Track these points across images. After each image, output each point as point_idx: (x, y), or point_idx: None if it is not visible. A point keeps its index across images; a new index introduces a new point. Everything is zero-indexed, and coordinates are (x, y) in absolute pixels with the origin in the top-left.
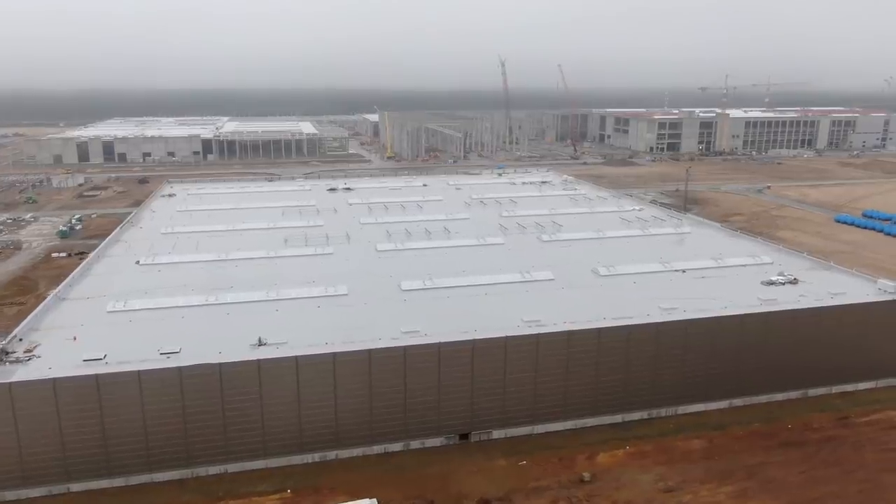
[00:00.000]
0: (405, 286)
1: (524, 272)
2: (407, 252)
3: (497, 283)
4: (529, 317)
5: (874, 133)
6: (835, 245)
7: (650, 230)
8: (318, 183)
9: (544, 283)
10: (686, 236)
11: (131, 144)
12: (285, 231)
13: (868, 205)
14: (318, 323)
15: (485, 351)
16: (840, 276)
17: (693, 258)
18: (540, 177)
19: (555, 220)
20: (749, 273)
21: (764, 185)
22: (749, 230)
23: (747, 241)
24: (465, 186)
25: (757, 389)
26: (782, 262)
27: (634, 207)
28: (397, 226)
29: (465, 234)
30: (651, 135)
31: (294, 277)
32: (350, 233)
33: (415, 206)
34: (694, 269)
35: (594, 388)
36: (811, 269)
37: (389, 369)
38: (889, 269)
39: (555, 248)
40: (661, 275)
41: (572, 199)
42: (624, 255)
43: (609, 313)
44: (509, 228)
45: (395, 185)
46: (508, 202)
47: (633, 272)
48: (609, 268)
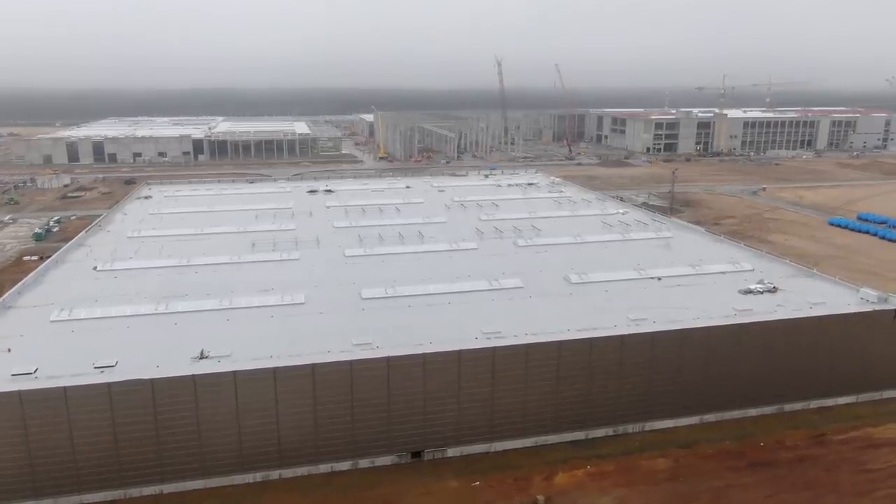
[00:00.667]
0: (365, 294)
1: (493, 279)
2: (375, 258)
3: (463, 291)
4: (491, 327)
5: (875, 133)
6: (826, 249)
7: (631, 235)
8: (299, 185)
9: (512, 292)
10: (667, 241)
11: (121, 145)
12: (255, 235)
13: (864, 207)
14: (268, 334)
15: (437, 365)
16: (822, 284)
17: (671, 265)
18: (527, 178)
19: (534, 223)
20: (727, 281)
21: (759, 186)
22: (740, 233)
23: (730, 247)
24: (449, 188)
25: (729, 404)
26: (763, 270)
27: (618, 211)
28: (371, 230)
29: (440, 238)
30: (648, 135)
31: (253, 285)
32: (321, 237)
33: (393, 209)
34: (670, 277)
35: (555, 403)
36: (793, 276)
37: (335, 384)
38: (880, 274)
39: (529, 254)
40: (635, 282)
41: (556, 202)
42: (600, 262)
43: (575, 324)
44: (486, 233)
45: (378, 187)
46: (490, 205)
47: (605, 280)
48: (582, 275)
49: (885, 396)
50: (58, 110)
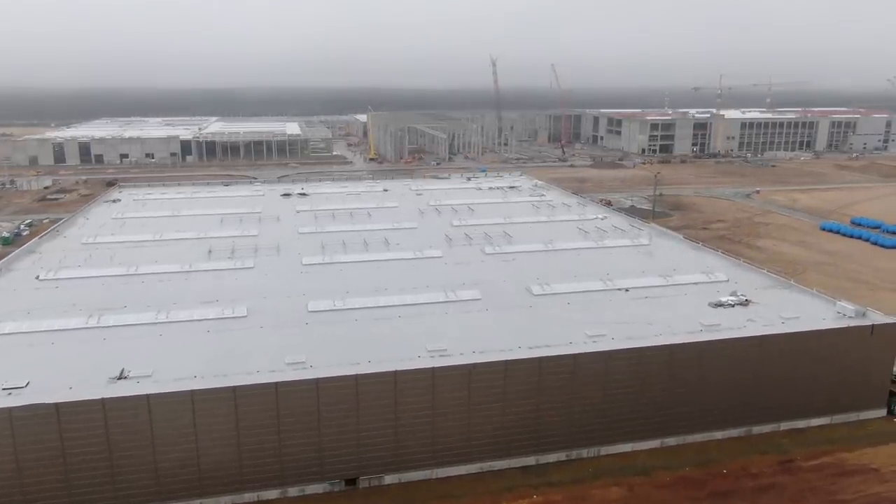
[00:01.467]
0: (312, 307)
1: (451, 291)
2: (334, 266)
3: (417, 303)
4: (437, 344)
5: (875, 134)
6: (816, 256)
7: (605, 242)
8: (275, 188)
9: (469, 304)
10: (642, 249)
11: (108, 145)
12: (215, 241)
13: (860, 211)
14: (199, 351)
15: (372, 386)
16: (799, 296)
17: (642, 275)
18: (510, 181)
19: (507, 229)
20: (699, 293)
21: (753, 189)
22: (728, 238)
23: (708, 255)
24: (427, 192)
25: (692, 427)
26: (739, 280)
27: (597, 216)
28: (337, 236)
29: (406, 245)
30: (643, 136)
31: (198, 295)
32: (282, 244)
33: (364, 213)
34: (639, 288)
35: (502, 426)
36: (769, 287)
37: (260, 408)
38: (868, 282)
39: (496, 263)
40: (600, 294)
41: (534, 207)
42: (568, 271)
43: (528, 340)
44: (455, 239)
45: (356, 190)
46: (466, 209)
47: (570, 291)
48: (545, 286)
49: (861, 418)
50: (56, 110)
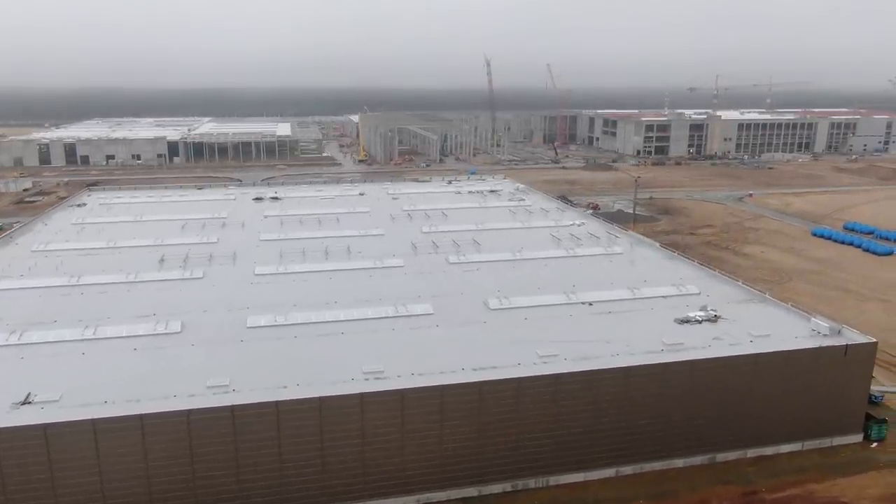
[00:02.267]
0: (251, 322)
1: (402, 304)
2: (287, 277)
3: (364, 318)
4: (375, 365)
5: (876, 136)
6: (804, 263)
7: (576, 251)
8: (248, 191)
9: (419, 320)
10: (615, 258)
11: (94, 147)
12: (170, 249)
13: (855, 215)
14: (120, 372)
15: (295, 414)
16: (773, 310)
17: (608, 287)
18: (492, 185)
19: (477, 237)
20: (667, 307)
21: (746, 192)
22: (715, 244)
23: (683, 265)
24: (404, 196)
25: (650, 454)
26: (711, 293)
27: (574, 222)
28: (299, 244)
29: (369, 254)
30: (638, 137)
31: (135, 309)
32: (240, 252)
33: (333, 219)
34: (603, 302)
35: (440, 455)
36: (742, 301)
37: (170, 438)
38: (856, 292)
39: (458, 273)
40: (561, 308)
41: (511, 212)
42: (532, 282)
43: (474, 361)
44: (421, 247)
45: (331, 194)
46: (439, 215)
47: (529, 305)
48: (503, 299)
49: (835, 444)
50: (53, 110)
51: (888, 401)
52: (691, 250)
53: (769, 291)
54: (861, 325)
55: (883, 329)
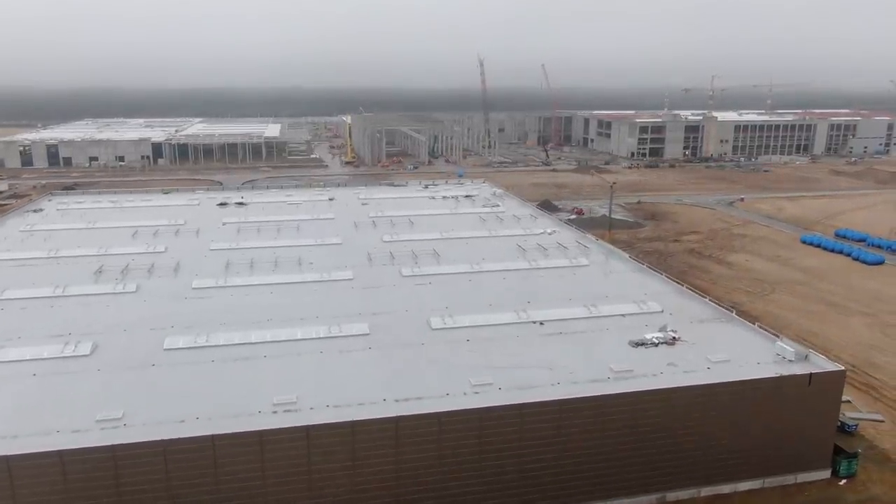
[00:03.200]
0: (168, 344)
1: (337, 324)
2: (225, 291)
3: (292, 339)
4: (287, 395)
5: (877, 138)
6: (789, 273)
7: (540, 262)
8: (214, 196)
9: (353, 341)
10: (579, 271)
11: (77, 148)
12: (113, 259)
13: (849, 220)
14: (11, 401)
15: (184, 454)
16: (738, 330)
17: (565, 304)
18: (469, 189)
19: (440, 246)
20: (624, 327)
21: (738, 196)
22: (698, 252)
23: (652, 279)
24: (374, 201)
25: (591, 495)
26: (675, 311)
27: (546, 230)
28: (250, 254)
29: (320, 265)
30: (632, 139)
31: (50, 327)
32: (185, 263)
33: (294, 227)
34: (556, 321)
35: (352, 492)
36: (707, 320)
37: (43, 482)
38: (841, 305)
39: (409, 287)
40: (510, 329)
41: (481, 219)
42: (485, 298)
43: (400, 391)
44: (377, 258)
45: (299, 199)
46: (405, 223)
47: (475, 324)
48: (448, 318)
49: (800, 480)
50: (51, 110)
51: (864, 430)
52: (673, 258)
53: (750, 303)
54: (842, 343)
55: (864, 347)
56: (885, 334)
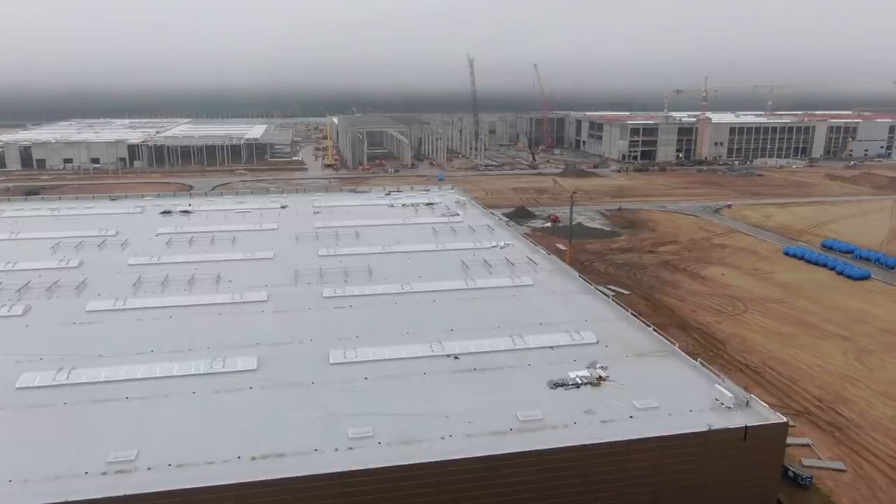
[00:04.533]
0: (23, 381)
1: (221, 359)
2: (120, 315)
3: (168, 375)
4: (128, 451)
5: (878, 141)
6: (766, 289)
7: (478, 282)
8: (161, 203)
9: (233, 379)
10: (519, 292)
11: (50, 150)
12: (15, 276)
13: (839, 230)
14: None
15: None
16: (677, 368)
17: (491, 333)
18: (432, 196)
19: (378, 262)
20: (549, 362)
21: (725, 203)
22: (673, 264)
23: (597, 303)
24: (328, 209)
25: None
26: (612, 342)
27: (499, 244)
28: (167, 269)
29: (238, 284)
30: (623, 141)
31: None
32: (93, 280)
33: (229, 239)
34: (473, 354)
35: None
36: (644, 354)
37: None
38: (818, 326)
39: (324, 311)
40: (419, 363)
41: (433, 231)
42: (403, 325)
43: (268, 445)
44: (303, 276)
45: (250, 206)
46: (351, 234)
47: (379, 358)
48: (350, 350)
49: None
50: (45, 110)
51: (822, 480)
52: (643, 272)
53: (717, 324)
54: (811, 372)
55: (836, 377)
56: (860, 362)
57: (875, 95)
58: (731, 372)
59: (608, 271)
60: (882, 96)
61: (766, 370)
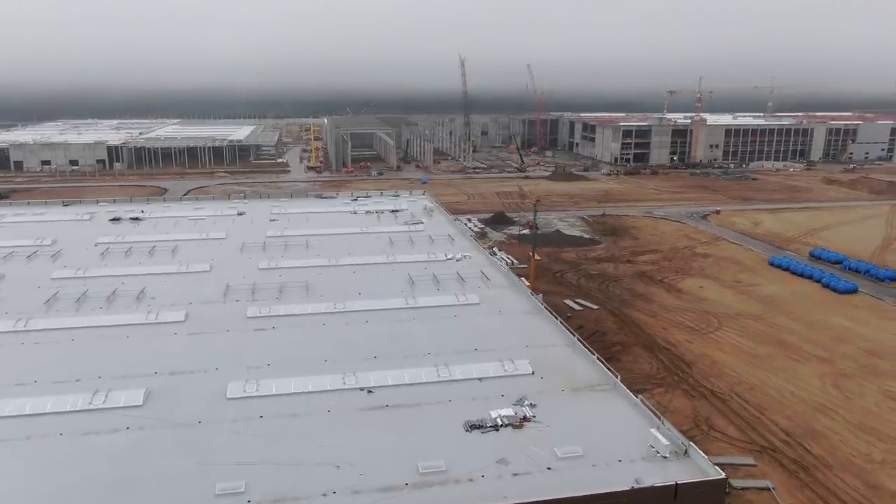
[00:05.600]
0: None
1: (105, 393)
2: (14, 339)
3: (37, 413)
4: None
5: (879, 143)
6: (745, 304)
7: (420, 300)
8: (115, 209)
9: (112, 418)
10: (462, 312)
11: (28, 151)
12: None
13: (828, 238)
14: None
15: None
16: (616, 406)
17: (418, 361)
18: (401, 203)
19: (319, 276)
20: (471, 398)
21: (714, 208)
22: (650, 276)
23: (545, 325)
24: (286, 217)
25: None
26: (549, 372)
27: (455, 256)
28: (90, 284)
29: (160, 302)
30: (616, 144)
31: None
32: (7, 297)
33: (169, 249)
34: (390, 388)
35: None
36: (582, 389)
37: None
38: (797, 347)
39: (244, 334)
40: (324, 399)
41: (389, 242)
42: (325, 350)
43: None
44: (233, 292)
45: (204, 213)
46: (301, 245)
47: (283, 392)
48: (251, 385)
49: None
50: (42, 110)
51: None
52: (617, 284)
53: (687, 344)
54: (782, 400)
55: (809, 407)
56: (837, 388)
57: (878, 96)
58: (693, 399)
59: (580, 283)
60: (885, 97)
61: (732, 397)
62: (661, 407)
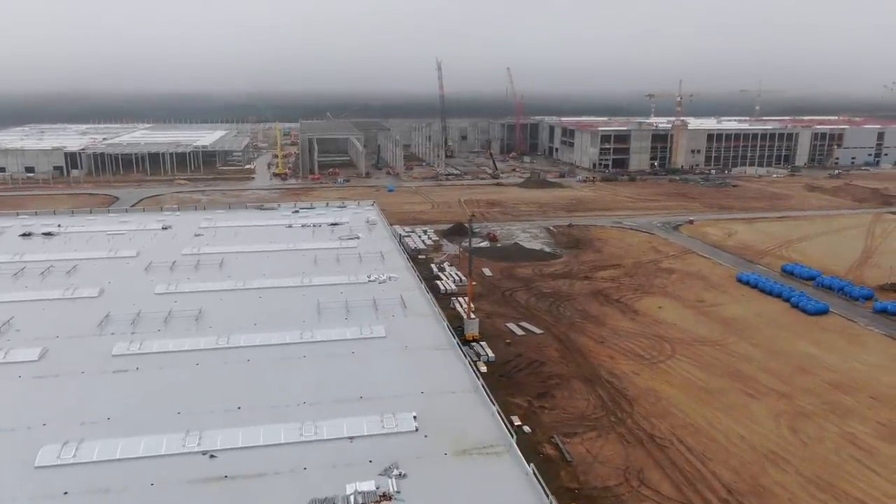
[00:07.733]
0: None
1: None
2: None
3: None
4: None
5: (866, 148)
6: (704, 327)
7: (319, 333)
8: (32, 222)
9: None
10: (364, 347)
11: None
12: None
13: (806, 251)
14: None
15: None
16: (502, 476)
17: (285, 415)
18: (343, 215)
19: (217, 303)
20: (331, 466)
21: (688, 218)
22: (606, 294)
23: (447, 367)
24: (212, 230)
25: None
26: (437, 429)
27: (380, 277)
28: None
29: (24, 335)
30: (594, 149)
31: None
32: None
33: (66, 268)
34: (237, 451)
35: None
36: (472, 451)
37: None
38: (753, 378)
39: (100, 377)
40: (154, 465)
41: (314, 261)
42: (182, 400)
43: None
44: (114, 322)
45: (128, 227)
46: (214, 264)
47: (105, 458)
48: (69, 448)
49: None
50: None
51: None
52: (569, 304)
53: (633, 376)
54: (729, 446)
55: (758, 454)
56: (793, 431)
57: (866, 100)
58: (628, 446)
59: (528, 303)
60: (873, 101)
61: (672, 443)
62: (590, 456)
